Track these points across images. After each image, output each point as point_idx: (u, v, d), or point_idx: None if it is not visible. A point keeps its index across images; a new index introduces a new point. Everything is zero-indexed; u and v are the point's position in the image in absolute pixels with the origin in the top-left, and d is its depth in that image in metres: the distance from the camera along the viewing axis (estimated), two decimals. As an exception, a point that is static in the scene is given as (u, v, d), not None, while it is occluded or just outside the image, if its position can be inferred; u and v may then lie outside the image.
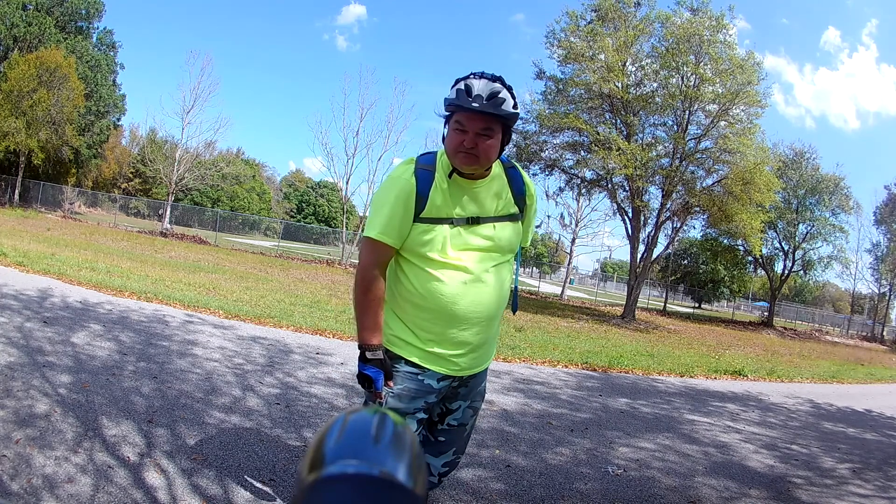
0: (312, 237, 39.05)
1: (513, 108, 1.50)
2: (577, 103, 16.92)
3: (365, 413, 0.51)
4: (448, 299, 1.58)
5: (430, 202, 1.56)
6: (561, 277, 37.75)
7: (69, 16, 26.73)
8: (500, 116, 1.49)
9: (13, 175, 24.95)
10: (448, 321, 1.59)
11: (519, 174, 1.71)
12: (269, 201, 53.22)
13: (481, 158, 1.52)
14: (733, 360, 9.74)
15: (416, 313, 1.61)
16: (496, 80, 1.50)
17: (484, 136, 1.50)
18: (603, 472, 3.05)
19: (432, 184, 1.57)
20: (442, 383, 1.65)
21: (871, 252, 28.13)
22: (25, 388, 2.91)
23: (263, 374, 3.98)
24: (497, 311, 1.66)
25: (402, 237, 1.58)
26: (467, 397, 1.76)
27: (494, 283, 1.62)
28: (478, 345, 1.65)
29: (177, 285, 7.95)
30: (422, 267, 1.59)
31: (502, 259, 1.65)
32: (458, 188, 1.59)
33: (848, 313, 34.93)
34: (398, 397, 1.62)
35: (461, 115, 1.50)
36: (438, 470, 1.84)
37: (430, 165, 1.59)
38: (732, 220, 15.76)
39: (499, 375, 5.19)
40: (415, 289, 1.59)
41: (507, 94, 1.49)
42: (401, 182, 1.56)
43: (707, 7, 15.73)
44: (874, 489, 3.47)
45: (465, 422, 1.80)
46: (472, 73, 1.51)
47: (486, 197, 1.62)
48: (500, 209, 1.64)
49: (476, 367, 1.70)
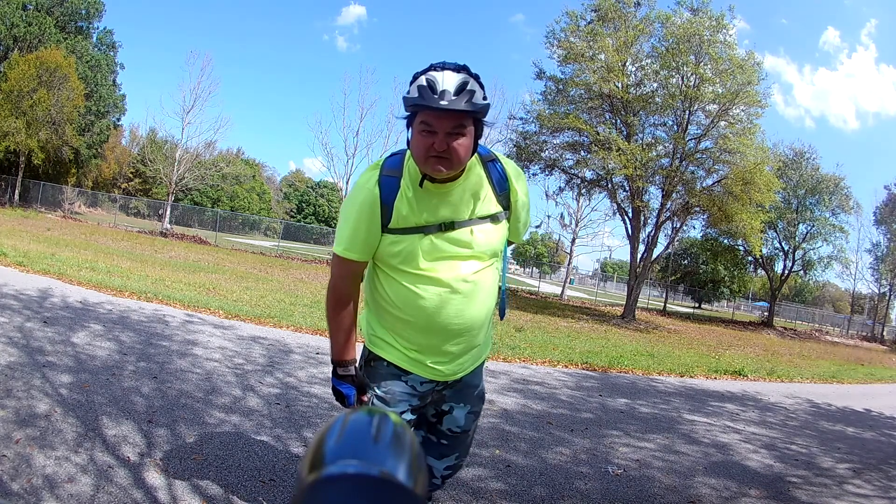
0: (312, 237, 39.05)
1: (482, 99, 1.32)
2: (577, 103, 16.92)
3: (365, 413, 0.52)
4: (426, 313, 1.47)
5: (396, 212, 1.43)
6: (561, 277, 37.74)
7: (69, 16, 26.73)
8: (470, 112, 1.30)
9: (13, 175, 24.95)
10: (427, 334, 1.50)
11: (500, 167, 1.52)
12: (269, 201, 53.22)
13: (454, 161, 1.34)
14: (733, 360, 9.75)
15: (395, 323, 1.53)
16: (461, 70, 1.31)
17: (455, 135, 1.32)
18: (603, 471, 3.05)
19: (398, 192, 1.43)
20: (425, 386, 1.58)
21: (871, 252, 28.18)
22: (26, 388, 2.91)
23: (263, 374, 3.98)
24: (481, 321, 1.54)
25: (371, 250, 1.48)
26: (460, 400, 1.67)
27: (476, 293, 1.49)
28: (460, 353, 1.56)
29: (177, 285, 7.96)
30: (396, 279, 1.48)
31: (483, 265, 1.50)
32: (426, 193, 1.43)
33: (848, 313, 34.93)
34: (380, 398, 1.56)
35: (427, 114, 1.31)
36: (441, 472, 1.79)
37: (395, 171, 1.44)
38: (732, 220, 15.76)
39: (497, 376, 5.19)
40: (391, 300, 1.50)
41: (476, 84, 1.31)
42: (363, 192, 1.43)
43: (707, 7, 15.75)
44: (873, 489, 3.47)
45: (467, 428, 1.73)
46: (431, 65, 1.32)
47: (460, 199, 1.45)
48: (478, 210, 1.47)
49: (461, 372, 1.60)
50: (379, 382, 1.57)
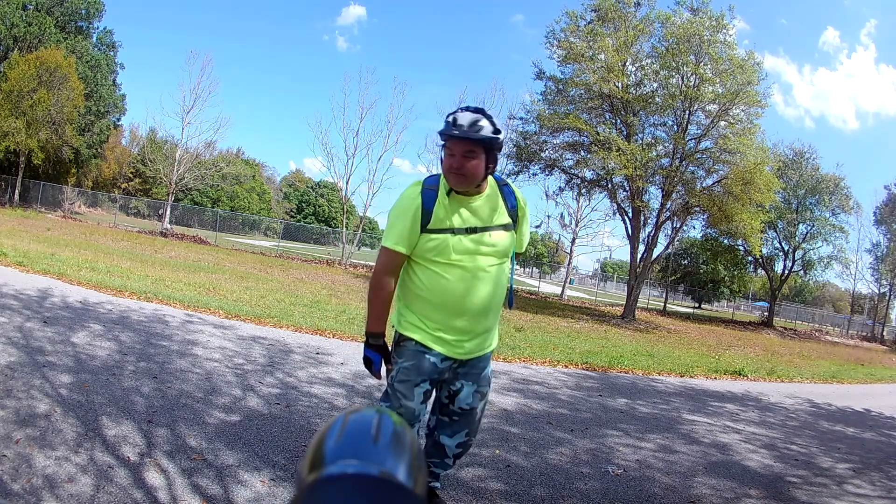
0: (312, 237, 39.07)
1: (492, 133, 1.79)
2: (577, 103, 16.92)
3: (365, 413, 0.52)
4: (450, 293, 1.90)
5: (434, 216, 1.88)
6: (561, 277, 37.74)
7: (69, 16, 26.74)
8: (479, 140, 1.77)
9: (13, 175, 24.95)
10: (450, 312, 1.91)
11: (511, 191, 2.01)
12: (269, 201, 53.21)
13: (468, 177, 1.83)
14: (733, 360, 9.75)
15: (424, 306, 1.94)
16: (478, 112, 1.82)
17: (468, 157, 1.80)
18: (603, 471, 3.05)
19: (436, 201, 1.89)
20: (444, 363, 1.97)
21: (871, 252, 28.18)
22: (26, 388, 2.91)
23: (263, 374, 3.98)
24: (492, 304, 1.96)
25: (412, 245, 1.91)
26: (469, 379, 2.03)
27: (490, 281, 1.93)
28: (477, 332, 1.96)
29: (177, 285, 7.95)
30: (429, 268, 1.91)
31: (498, 261, 1.95)
32: (457, 203, 1.90)
33: (848, 313, 34.93)
34: (406, 370, 1.95)
35: (450, 141, 1.81)
36: (453, 451, 2.12)
37: (434, 186, 1.91)
38: (732, 220, 15.75)
39: (498, 376, 5.19)
40: (424, 285, 1.93)
41: (487, 122, 1.79)
42: (409, 200, 1.90)
43: (707, 7, 15.75)
44: (873, 489, 3.47)
45: (474, 405, 2.07)
46: (459, 108, 1.84)
47: (482, 210, 1.93)
48: (495, 220, 1.95)
49: (475, 352, 2.00)
50: (406, 358, 1.97)
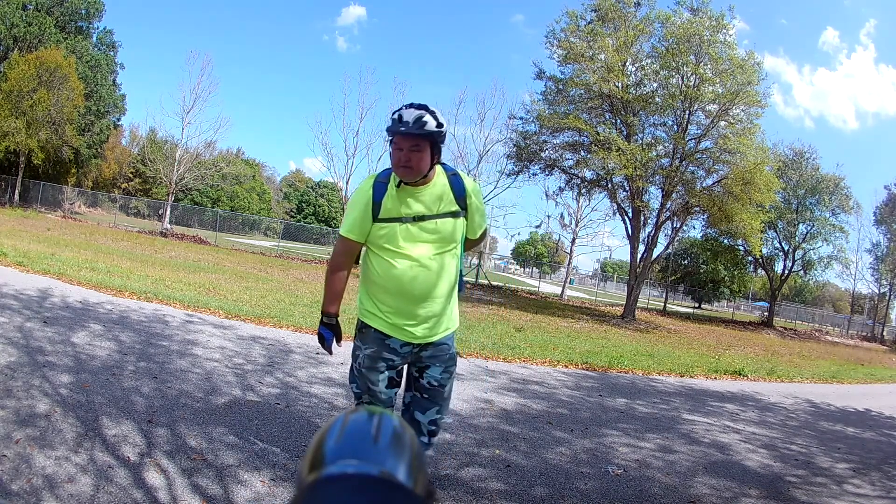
0: (312, 237, 39.01)
1: (436, 127, 1.91)
2: (577, 103, 16.91)
3: (365, 413, 0.52)
4: (400, 281, 2.02)
5: (383, 207, 2.02)
6: (561, 277, 37.72)
7: (69, 16, 26.73)
8: (424, 135, 1.90)
9: (13, 175, 24.94)
10: (401, 298, 2.05)
11: (460, 180, 2.11)
12: (269, 201, 53.19)
13: (415, 169, 1.95)
14: (733, 360, 9.74)
15: (378, 291, 2.09)
16: (421, 108, 1.92)
17: (414, 151, 1.92)
18: (603, 471, 3.05)
19: (385, 193, 2.02)
20: (405, 348, 2.11)
21: (871, 252, 28.17)
22: (26, 387, 2.91)
23: (263, 374, 3.98)
24: (438, 290, 2.06)
25: (364, 234, 2.06)
26: (435, 361, 2.15)
27: (438, 268, 2.05)
28: (427, 317, 2.08)
29: (177, 285, 7.95)
30: (381, 256, 2.05)
31: (445, 248, 2.07)
32: (405, 194, 2.02)
33: (848, 313, 34.92)
34: (370, 357, 2.10)
35: (397, 137, 1.93)
36: (427, 428, 2.22)
37: (385, 179, 2.04)
38: (732, 220, 15.74)
39: (497, 376, 5.19)
40: (377, 272, 2.07)
41: (430, 117, 1.90)
42: (361, 193, 2.06)
43: (707, 7, 15.74)
44: (873, 489, 3.47)
45: (443, 383, 2.19)
46: (403, 105, 1.96)
47: (429, 199, 2.04)
48: (441, 208, 2.05)
49: (430, 337, 2.11)
50: (368, 344, 2.12)
